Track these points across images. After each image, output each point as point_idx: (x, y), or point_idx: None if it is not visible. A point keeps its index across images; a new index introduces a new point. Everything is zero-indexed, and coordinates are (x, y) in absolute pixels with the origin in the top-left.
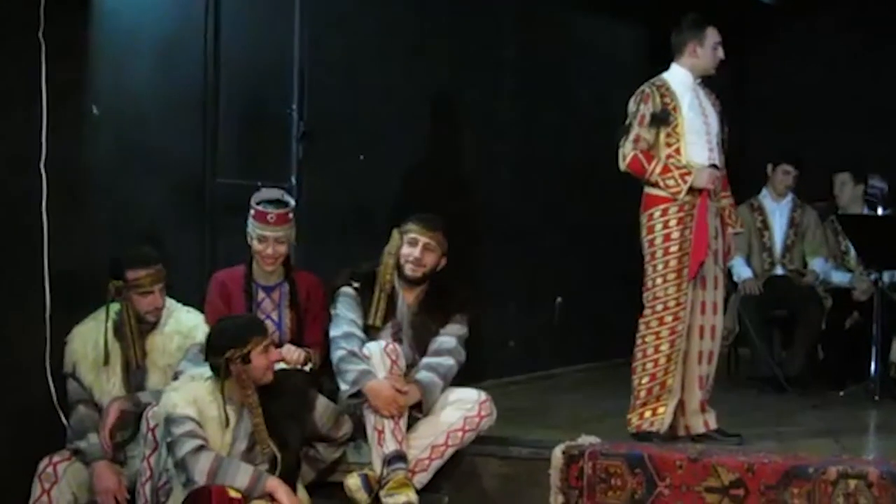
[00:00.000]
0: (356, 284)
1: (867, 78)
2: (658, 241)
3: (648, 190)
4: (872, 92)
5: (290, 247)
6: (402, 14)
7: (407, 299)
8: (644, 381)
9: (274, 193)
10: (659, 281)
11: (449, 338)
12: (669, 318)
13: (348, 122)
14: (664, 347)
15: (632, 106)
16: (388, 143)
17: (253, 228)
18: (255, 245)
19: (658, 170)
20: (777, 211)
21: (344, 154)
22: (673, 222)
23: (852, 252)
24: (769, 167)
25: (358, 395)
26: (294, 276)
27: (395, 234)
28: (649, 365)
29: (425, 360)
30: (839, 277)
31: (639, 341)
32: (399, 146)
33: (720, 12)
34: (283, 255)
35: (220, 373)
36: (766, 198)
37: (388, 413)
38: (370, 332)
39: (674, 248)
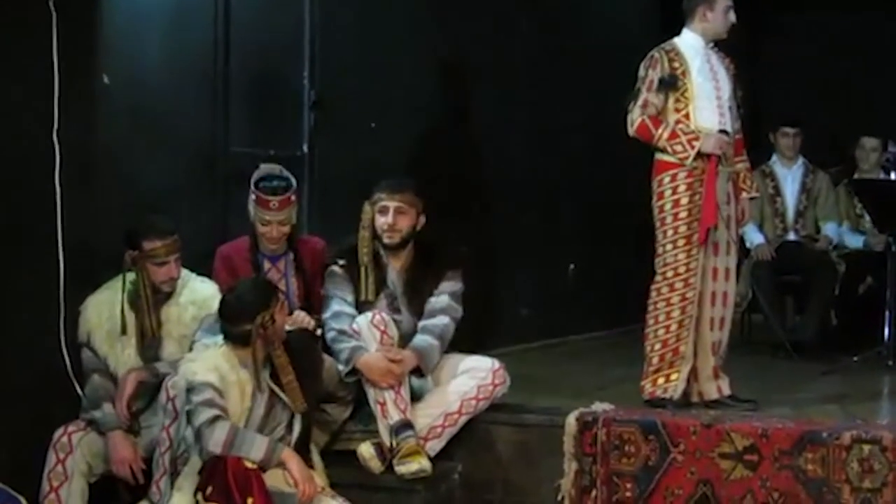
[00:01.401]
0: (342, 262)
1: (885, 41)
2: (667, 206)
3: (658, 156)
4: (888, 55)
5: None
6: None
7: (395, 267)
8: (656, 347)
9: (273, 171)
10: (669, 247)
11: (442, 296)
12: (680, 285)
13: (360, 90)
14: (675, 314)
15: (641, 71)
16: (399, 111)
17: (255, 211)
18: (259, 227)
19: (666, 135)
20: (789, 176)
21: (355, 122)
22: (682, 188)
23: (867, 216)
24: (770, 134)
25: (354, 372)
26: (298, 243)
27: (366, 206)
28: (661, 332)
29: (421, 323)
30: (853, 241)
31: (650, 308)
32: (410, 114)
33: None
34: (287, 234)
35: (250, 338)
36: (776, 164)
37: (385, 384)
38: (365, 307)
39: (683, 214)
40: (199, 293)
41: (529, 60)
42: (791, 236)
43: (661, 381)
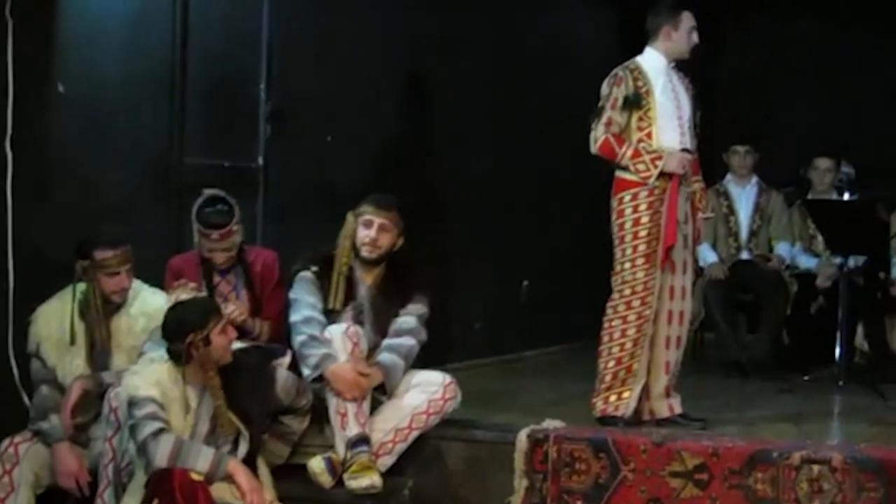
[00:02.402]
0: (314, 268)
1: (837, 62)
2: (628, 225)
3: (619, 174)
4: (842, 76)
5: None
6: None
7: (366, 281)
8: (610, 365)
9: (215, 203)
10: (627, 265)
11: (409, 317)
12: (637, 303)
13: (317, 101)
14: (631, 332)
15: (605, 89)
16: (357, 123)
17: (198, 239)
18: (204, 252)
19: (629, 154)
20: (743, 196)
21: (312, 133)
22: (643, 207)
23: (820, 237)
24: (723, 154)
25: (320, 378)
26: (249, 255)
27: (350, 216)
28: (615, 349)
29: (386, 341)
30: (805, 262)
31: (606, 325)
32: (368, 126)
33: None
34: (233, 255)
35: (182, 357)
36: (730, 183)
37: (350, 396)
38: (330, 316)
39: (643, 233)
40: (150, 304)
41: (488, 76)
42: (744, 255)
43: (613, 398)
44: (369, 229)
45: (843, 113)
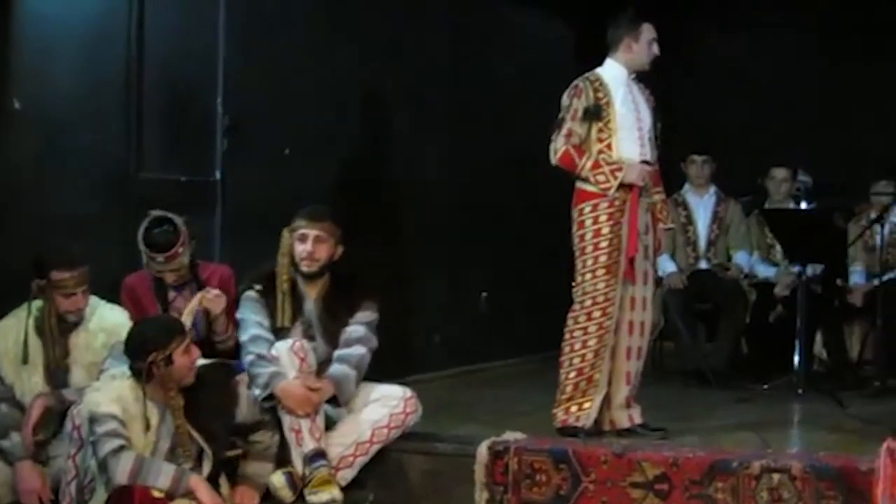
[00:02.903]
0: (258, 287)
1: (795, 72)
2: (588, 236)
3: (579, 185)
4: (799, 86)
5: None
6: (328, 7)
7: (311, 295)
8: (571, 375)
9: (160, 227)
10: (588, 276)
11: (358, 326)
12: (598, 314)
13: (274, 114)
14: (592, 343)
15: (565, 100)
16: (314, 137)
17: (146, 260)
18: (153, 273)
19: (589, 165)
20: (701, 205)
21: (269, 147)
22: (603, 218)
23: (778, 246)
24: (681, 164)
25: (271, 397)
26: (204, 270)
27: (285, 233)
28: (576, 360)
29: (337, 352)
30: (764, 271)
31: (566, 336)
32: (325, 139)
33: (651, 7)
34: (183, 273)
35: (143, 376)
36: (688, 192)
37: (302, 412)
38: (281, 333)
39: (604, 244)
40: (108, 320)
41: (445, 87)
42: (703, 265)
43: (573, 409)
44: (305, 243)
45: (800, 122)
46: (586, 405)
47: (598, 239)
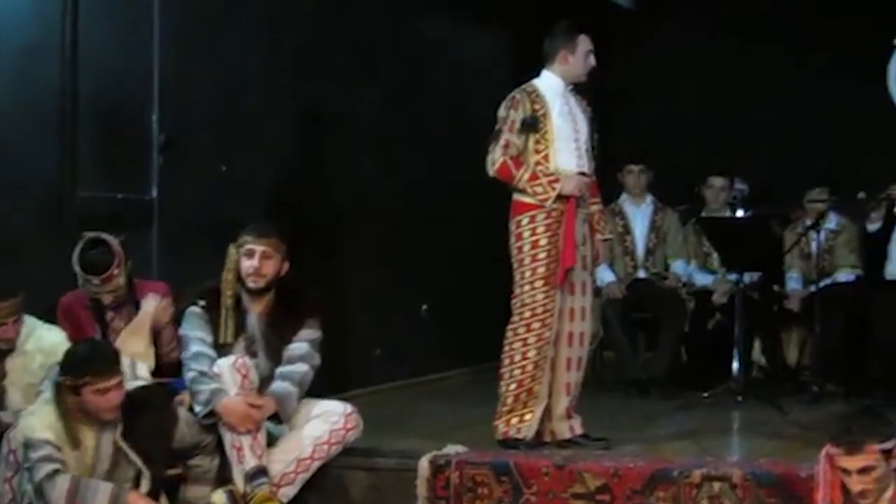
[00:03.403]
0: (202, 303)
1: (729, 81)
2: (526, 248)
3: (517, 196)
4: (734, 95)
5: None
6: (265, 21)
7: (255, 311)
8: (511, 387)
9: (96, 254)
10: (527, 288)
11: (301, 343)
12: (537, 325)
13: (211, 131)
14: (532, 354)
15: (502, 111)
16: (253, 152)
17: (82, 282)
18: (90, 294)
19: (526, 176)
20: (638, 215)
21: (206, 165)
22: (541, 229)
23: (716, 254)
24: (618, 174)
25: (212, 414)
26: (141, 289)
27: (231, 248)
28: (517, 371)
29: (279, 369)
30: (701, 279)
31: (506, 348)
32: (264, 155)
33: (586, 19)
34: (119, 294)
35: (56, 395)
36: (626, 202)
37: (243, 429)
38: (223, 350)
39: (542, 255)
40: (46, 341)
41: (382, 102)
42: (641, 274)
43: (514, 420)
44: (252, 259)
45: (736, 130)
46: (527, 417)
47: (535, 250)
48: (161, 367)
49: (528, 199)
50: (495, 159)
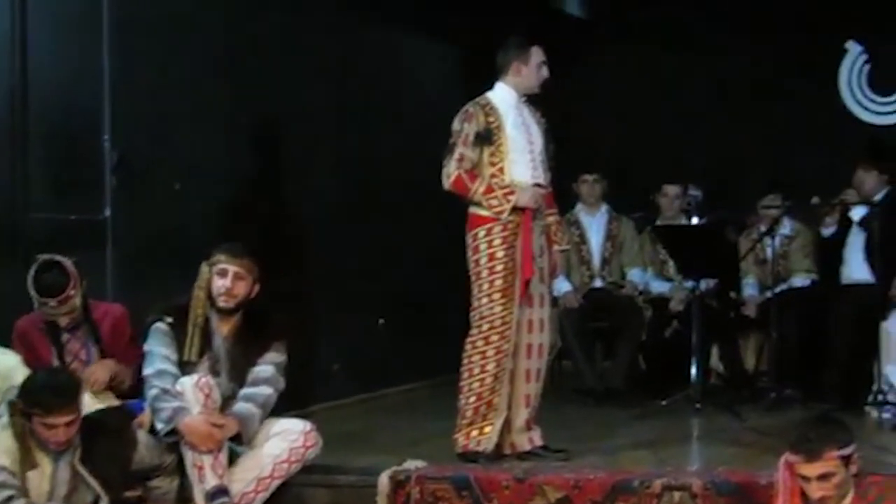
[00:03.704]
0: (169, 319)
1: (681, 89)
2: (483, 260)
3: (473, 209)
4: (686, 102)
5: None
6: (215, 39)
7: (222, 331)
8: (471, 400)
9: (51, 276)
10: (485, 300)
11: (266, 366)
12: (496, 338)
13: (164, 149)
14: (490, 367)
15: (456, 125)
16: (206, 171)
17: (37, 305)
18: (46, 316)
19: (481, 189)
20: (594, 224)
21: (160, 182)
22: (497, 242)
23: (671, 261)
24: (573, 184)
25: (174, 432)
26: (95, 311)
27: (204, 266)
28: (475, 384)
29: (243, 390)
30: (658, 287)
31: (465, 361)
32: (218, 174)
33: (537, 30)
34: (75, 314)
35: (12, 415)
36: (581, 212)
37: (205, 448)
38: (187, 367)
39: (499, 268)
40: (1, 364)
41: (336, 118)
42: (598, 283)
43: (474, 433)
44: (224, 278)
45: (689, 137)
46: (487, 429)
47: (492, 263)
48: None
49: (484, 212)
50: (450, 173)
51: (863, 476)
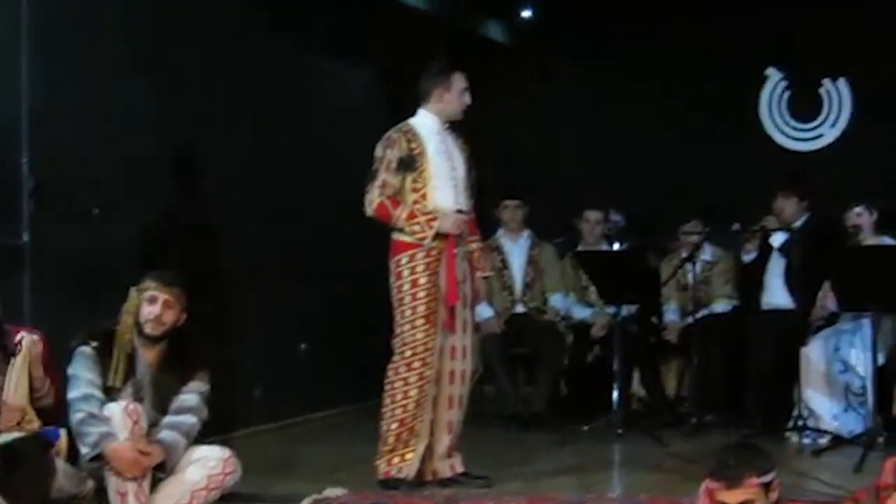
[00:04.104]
0: (94, 344)
1: (602, 114)
2: (406, 287)
3: (396, 236)
4: (607, 128)
5: None
6: (137, 65)
7: (147, 358)
8: (393, 426)
9: None
10: (407, 327)
11: (191, 395)
12: (418, 364)
13: (82, 174)
14: (413, 393)
15: (378, 151)
16: (127, 196)
17: None
18: None
19: (404, 215)
20: (515, 249)
21: (80, 207)
22: (420, 268)
23: (593, 287)
24: (495, 210)
25: (99, 457)
26: (11, 337)
27: (133, 292)
28: (398, 411)
29: (167, 419)
30: (580, 313)
31: (387, 387)
32: (135, 198)
33: (459, 54)
34: None
35: None
36: (503, 237)
37: (130, 475)
38: (110, 393)
39: (422, 294)
40: None
41: (259, 144)
42: (519, 308)
43: (396, 460)
44: (154, 305)
45: (610, 163)
46: (408, 456)
47: (415, 289)
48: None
49: (406, 238)
50: (373, 200)
51: (784, 503)
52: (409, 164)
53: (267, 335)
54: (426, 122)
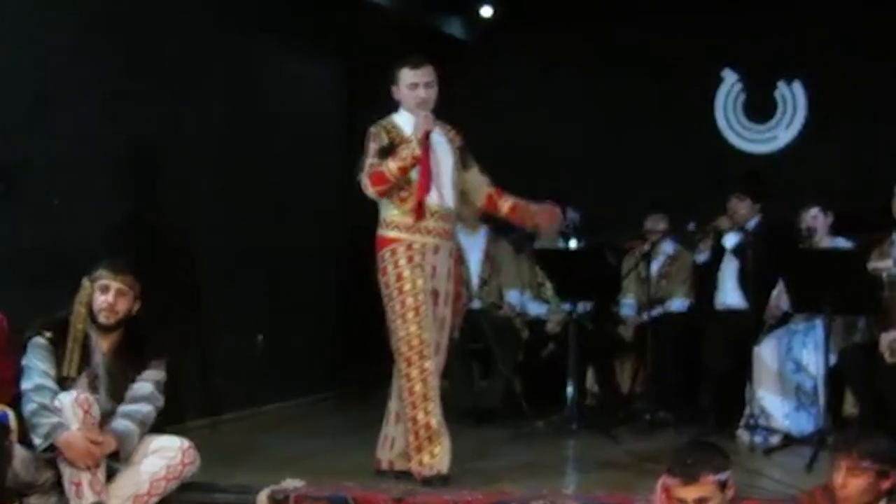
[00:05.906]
0: (49, 334)
1: (560, 110)
2: (391, 280)
3: (380, 232)
4: (565, 124)
5: None
6: (97, 53)
7: (102, 347)
8: (409, 426)
9: None
10: (399, 322)
11: (146, 383)
12: (416, 358)
13: (42, 164)
14: (418, 388)
15: (365, 145)
16: (87, 186)
17: None
18: None
19: (390, 161)
20: (472, 245)
21: (38, 197)
22: (403, 261)
23: (549, 283)
24: None
25: (52, 448)
26: None
27: (86, 282)
28: (408, 409)
29: (122, 407)
30: (535, 309)
31: (395, 389)
32: (99, 188)
33: (419, 50)
34: None
35: None
36: (460, 232)
37: (83, 465)
38: (65, 383)
39: (407, 287)
40: None
41: (219, 133)
42: (476, 304)
43: (426, 458)
44: (106, 294)
45: (569, 159)
46: (437, 450)
47: (401, 283)
48: None
49: (389, 234)
50: (365, 177)
51: (738, 501)
52: (390, 150)
53: (226, 326)
54: (404, 116)
